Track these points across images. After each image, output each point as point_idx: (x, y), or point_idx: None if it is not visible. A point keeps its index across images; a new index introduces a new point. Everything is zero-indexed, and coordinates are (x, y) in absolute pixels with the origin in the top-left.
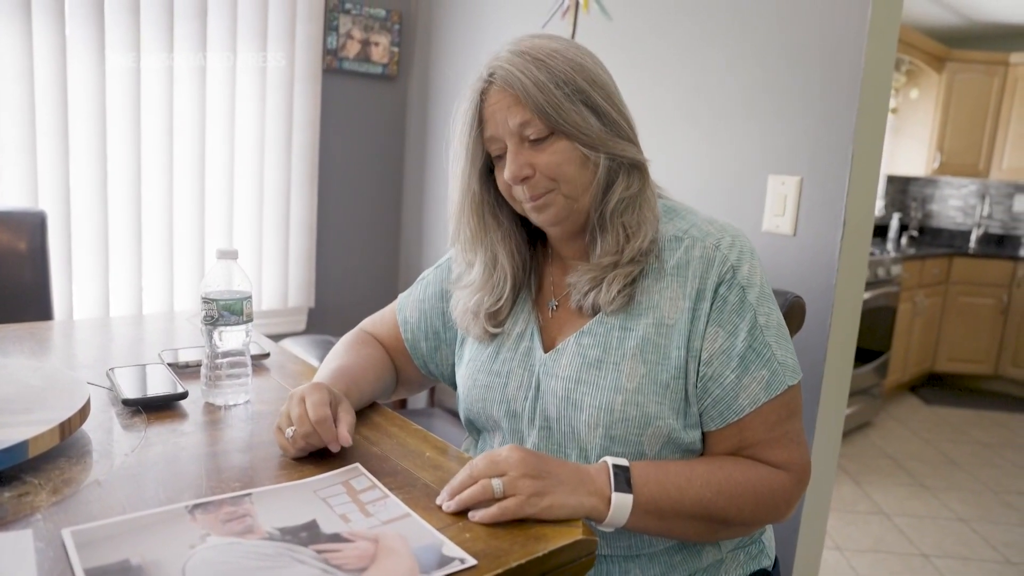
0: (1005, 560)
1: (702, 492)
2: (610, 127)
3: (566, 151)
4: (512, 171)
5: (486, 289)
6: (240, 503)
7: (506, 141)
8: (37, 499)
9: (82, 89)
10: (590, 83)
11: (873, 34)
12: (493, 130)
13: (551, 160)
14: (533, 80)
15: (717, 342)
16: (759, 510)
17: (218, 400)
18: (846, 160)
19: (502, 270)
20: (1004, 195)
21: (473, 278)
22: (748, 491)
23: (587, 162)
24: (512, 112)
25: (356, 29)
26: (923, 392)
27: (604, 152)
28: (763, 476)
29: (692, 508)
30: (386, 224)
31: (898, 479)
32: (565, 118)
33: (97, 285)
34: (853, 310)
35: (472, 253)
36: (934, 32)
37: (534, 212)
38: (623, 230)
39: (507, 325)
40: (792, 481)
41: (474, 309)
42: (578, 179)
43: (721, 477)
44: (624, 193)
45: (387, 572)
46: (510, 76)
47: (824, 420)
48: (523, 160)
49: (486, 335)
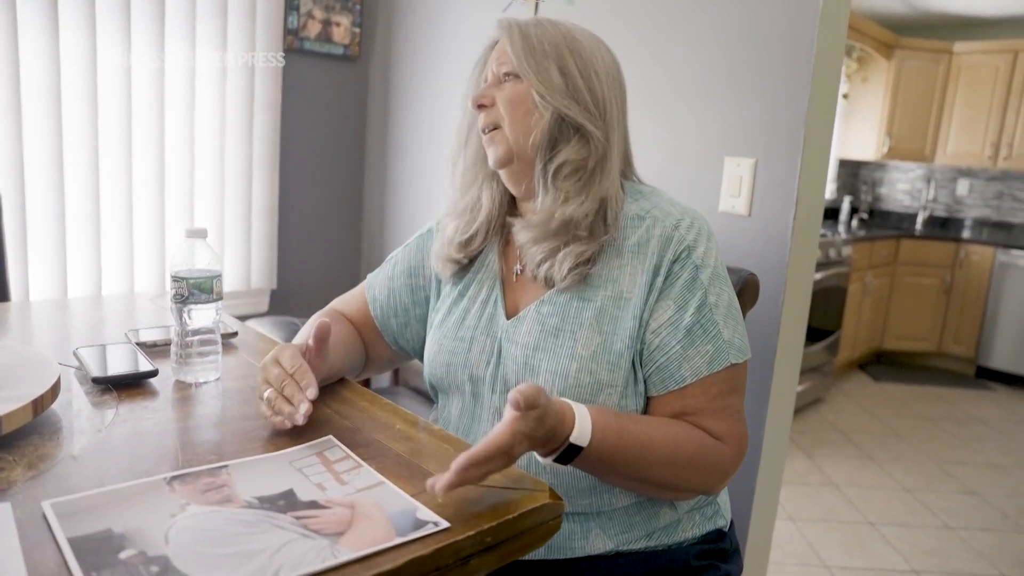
0: (944, 526)
1: (652, 466)
2: (571, 90)
3: (520, 92)
4: (474, 95)
5: (464, 216)
6: (217, 474)
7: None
8: (13, 474)
9: (36, 66)
10: (572, 52)
11: (824, 20)
12: (487, 75)
13: (506, 96)
14: (524, 31)
15: (666, 314)
16: (696, 480)
17: (188, 377)
18: (798, 143)
19: (479, 204)
20: (948, 179)
21: (459, 208)
22: (694, 462)
23: (535, 110)
24: (502, 59)
25: (317, 9)
26: (871, 369)
27: (553, 105)
28: (709, 448)
29: (636, 470)
30: (348, 205)
31: (847, 452)
32: (530, 64)
33: (54, 267)
34: (804, 288)
35: (464, 190)
36: (884, 20)
37: (487, 146)
38: (563, 193)
39: (472, 289)
40: (730, 454)
41: (449, 236)
42: (522, 122)
43: (671, 449)
44: (569, 155)
45: (364, 535)
46: (512, 26)
47: (777, 394)
48: (488, 92)
49: (454, 265)
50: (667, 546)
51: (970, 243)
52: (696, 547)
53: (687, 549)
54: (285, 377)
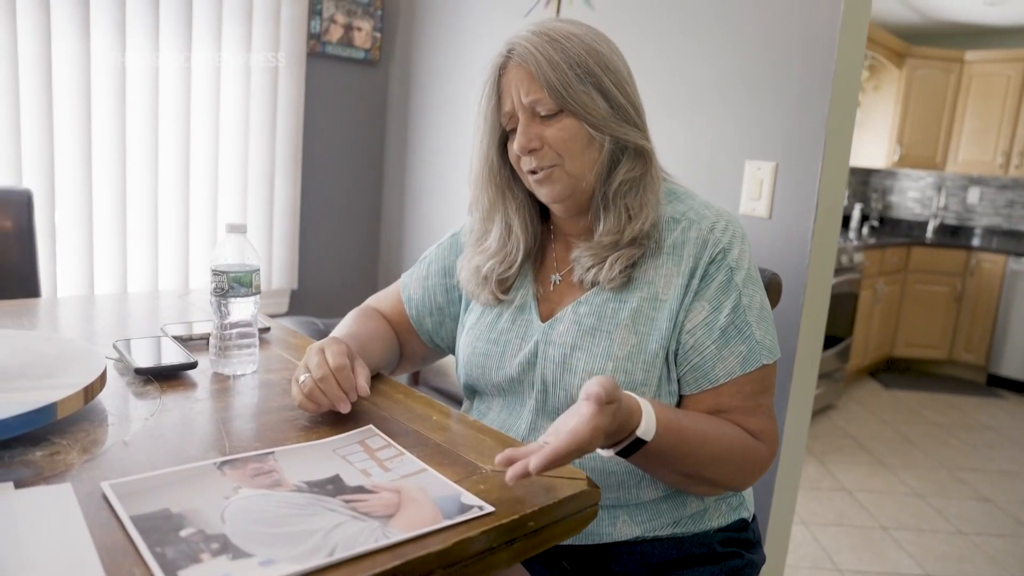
0: (957, 531)
1: (703, 462)
2: (617, 111)
3: (573, 128)
4: (520, 142)
5: (499, 256)
6: (265, 460)
7: (518, 114)
8: (69, 457)
9: (67, 67)
10: (602, 68)
11: (845, 26)
12: (508, 105)
13: (558, 135)
14: (547, 58)
15: (701, 315)
16: (737, 475)
17: (227, 370)
18: (819, 147)
19: (516, 239)
20: (959, 187)
21: (489, 244)
22: (737, 457)
23: (592, 142)
24: (525, 87)
25: (339, 14)
26: (882, 376)
27: (609, 134)
28: (749, 445)
29: (686, 469)
30: (368, 208)
31: (859, 458)
32: (574, 97)
33: (82, 264)
34: (824, 290)
35: (489, 221)
36: (895, 28)
37: (538, 186)
38: (625, 211)
39: (510, 294)
40: (766, 453)
41: (486, 274)
42: (582, 157)
43: (724, 446)
44: (627, 175)
45: (412, 518)
46: (526, 53)
47: (796, 396)
48: (532, 132)
49: (493, 299)
50: (693, 533)
51: (981, 251)
52: (721, 534)
53: (712, 535)
54: (327, 371)
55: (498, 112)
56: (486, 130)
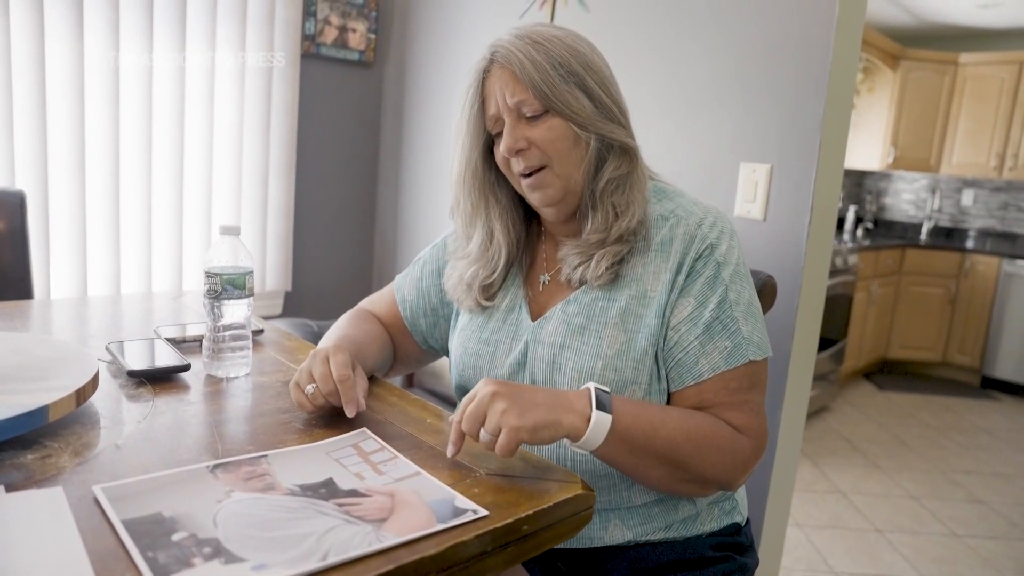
0: (951, 533)
1: (673, 435)
2: (602, 110)
3: (559, 128)
4: (507, 144)
5: (482, 262)
6: (258, 463)
7: (504, 117)
8: (60, 460)
9: (60, 68)
10: (585, 67)
11: (840, 28)
12: (493, 108)
13: (545, 135)
14: (530, 59)
15: (686, 310)
16: (719, 466)
17: (220, 372)
18: (814, 149)
19: (498, 245)
20: (953, 189)
21: (471, 250)
22: (714, 444)
23: (579, 141)
24: (510, 88)
25: (334, 15)
26: (876, 378)
27: (595, 132)
28: (728, 434)
29: (662, 447)
30: (362, 209)
31: (853, 460)
32: (559, 97)
33: (75, 266)
34: (819, 292)
35: (471, 227)
36: (889, 31)
37: (529, 190)
38: (612, 209)
39: (498, 299)
40: (750, 445)
41: (468, 280)
42: (570, 156)
43: (692, 425)
44: (613, 174)
45: (406, 522)
46: (510, 55)
47: (791, 397)
48: (519, 134)
49: (477, 307)
50: (685, 537)
51: (975, 253)
52: (713, 538)
53: (705, 540)
54: (330, 382)
55: (482, 116)
56: (469, 133)
